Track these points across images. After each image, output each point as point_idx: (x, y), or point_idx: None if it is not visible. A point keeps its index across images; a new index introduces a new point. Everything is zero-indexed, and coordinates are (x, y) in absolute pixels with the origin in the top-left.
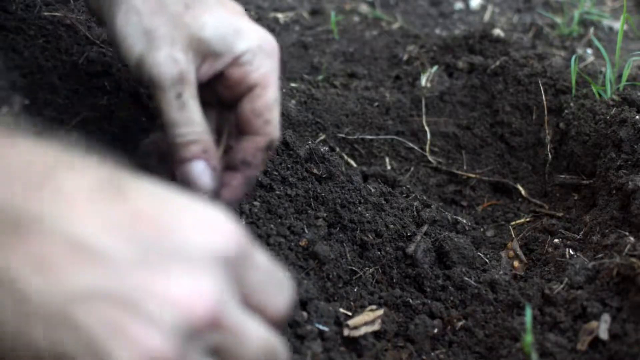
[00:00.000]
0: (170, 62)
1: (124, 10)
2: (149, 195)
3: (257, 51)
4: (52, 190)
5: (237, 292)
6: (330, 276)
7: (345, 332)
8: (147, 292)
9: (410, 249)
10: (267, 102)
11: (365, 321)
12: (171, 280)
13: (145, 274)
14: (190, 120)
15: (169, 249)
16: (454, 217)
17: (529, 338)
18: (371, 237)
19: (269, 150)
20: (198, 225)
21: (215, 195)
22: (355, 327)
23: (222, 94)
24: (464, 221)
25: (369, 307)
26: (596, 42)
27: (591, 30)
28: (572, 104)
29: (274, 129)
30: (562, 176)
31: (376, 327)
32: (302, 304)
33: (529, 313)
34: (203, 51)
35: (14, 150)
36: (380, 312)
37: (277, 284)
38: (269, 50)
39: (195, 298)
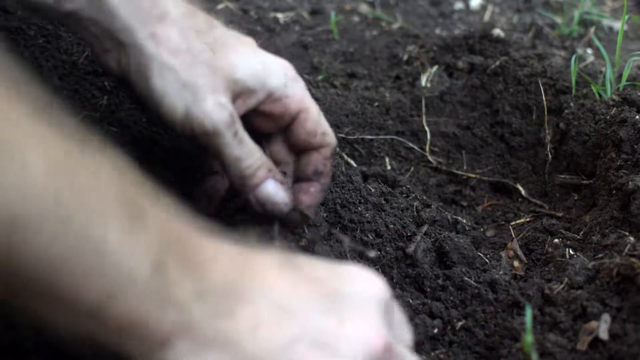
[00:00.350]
0: (219, 108)
1: (157, 69)
2: (317, 266)
3: (287, 81)
4: (252, 269)
5: (390, 328)
6: None
7: None
8: (336, 334)
9: (410, 249)
10: (315, 120)
11: None
12: (353, 322)
13: (332, 320)
14: (250, 151)
15: (344, 299)
16: (454, 217)
17: (529, 338)
18: (371, 237)
19: (333, 156)
20: (360, 280)
21: (291, 203)
22: None
23: (258, 126)
24: (464, 221)
25: None
26: (597, 42)
27: (591, 30)
28: (572, 104)
29: (331, 137)
30: (562, 176)
31: None
32: None
33: (529, 313)
34: (238, 91)
35: (222, 244)
36: None
37: (404, 322)
38: (293, 74)
39: (373, 334)
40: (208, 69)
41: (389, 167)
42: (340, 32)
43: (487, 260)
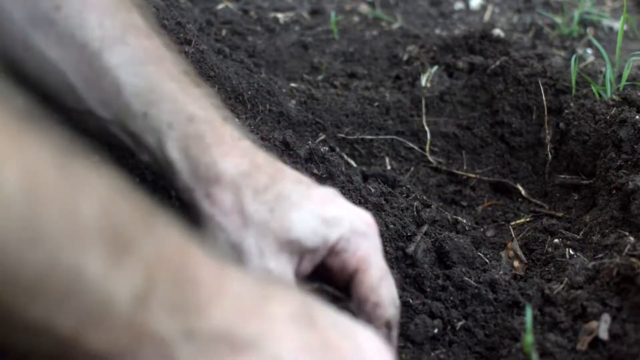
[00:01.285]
0: (283, 266)
1: (212, 228)
2: (334, 324)
3: (350, 235)
4: (259, 317)
5: None
6: None
7: None
8: None
9: (410, 249)
10: (371, 285)
11: None
12: None
13: None
14: None
15: None
16: (454, 217)
17: (529, 338)
18: None
19: (391, 330)
20: (370, 352)
21: None
22: None
23: (334, 279)
24: (464, 221)
25: None
26: (595, 43)
27: (590, 30)
28: (572, 104)
29: (384, 311)
30: (562, 176)
31: None
32: None
33: (529, 313)
34: (297, 250)
35: (230, 281)
36: None
37: None
38: (363, 229)
39: None
40: (258, 230)
41: (389, 167)
42: (340, 32)
43: (487, 260)
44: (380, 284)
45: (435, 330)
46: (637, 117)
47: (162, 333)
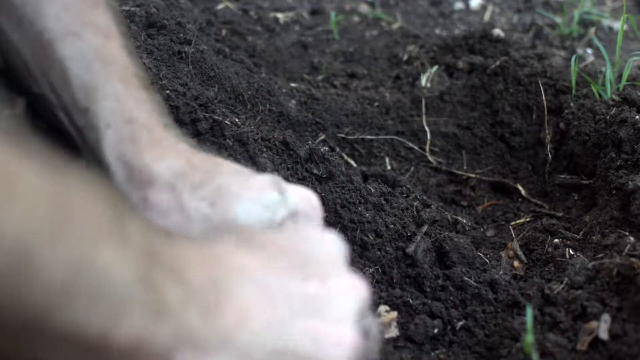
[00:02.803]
0: None
1: None
2: (275, 237)
3: (294, 216)
4: (222, 259)
5: None
6: None
7: None
8: (323, 296)
9: (410, 249)
10: None
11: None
12: (333, 279)
13: (313, 283)
14: None
15: (316, 260)
16: (454, 217)
17: (529, 338)
18: (371, 237)
19: None
20: (320, 238)
21: None
22: None
23: None
24: (464, 221)
25: (384, 308)
26: (596, 42)
27: (591, 30)
28: (572, 104)
29: None
30: (562, 176)
31: (392, 332)
32: None
33: (529, 313)
34: None
35: (191, 243)
36: (394, 314)
37: None
38: (308, 211)
39: (357, 283)
40: (201, 226)
41: (389, 167)
42: (340, 32)
43: (487, 260)
44: None
45: (435, 330)
46: (637, 117)
47: (172, 304)
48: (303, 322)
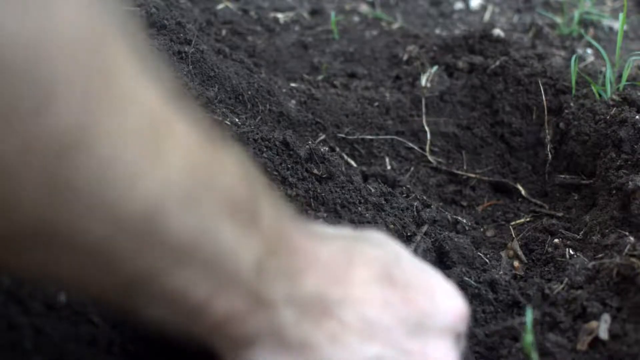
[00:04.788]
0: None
1: None
2: (413, 281)
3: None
4: (346, 281)
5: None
6: None
7: None
8: (418, 356)
9: (410, 249)
10: None
11: None
12: (435, 347)
13: (416, 343)
14: None
15: (430, 321)
16: (454, 217)
17: (529, 338)
18: None
19: None
20: (448, 308)
21: None
22: None
23: None
24: (464, 221)
25: None
26: (594, 43)
27: (590, 30)
28: (572, 104)
29: None
30: (562, 176)
31: None
32: None
33: (529, 313)
34: None
35: (320, 247)
36: None
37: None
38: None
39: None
40: None
41: (389, 167)
42: (340, 32)
43: (487, 260)
44: None
45: None
46: (637, 117)
47: (272, 298)
48: None
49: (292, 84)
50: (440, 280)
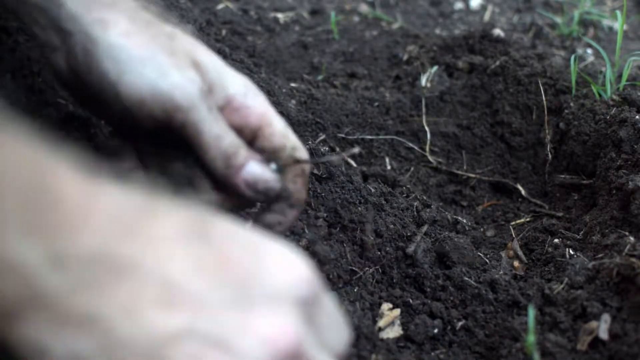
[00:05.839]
0: (189, 81)
1: (106, 51)
2: (233, 238)
3: (246, 90)
4: (143, 235)
5: (309, 329)
6: (331, 276)
7: None
8: (236, 329)
9: (410, 249)
10: (282, 133)
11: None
12: (259, 317)
13: (235, 312)
14: (228, 129)
15: (254, 291)
16: (454, 217)
17: (531, 338)
18: (371, 237)
19: (306, 176)
20: (279, 268)
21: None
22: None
23: None
24: (464, 221)
25: (386, 306)
26: (594, 44)
27: (590, 30)
28: (572, 104)
29: (302, 152)
30: (562, 176)
31: (396, 331)
32: None
33: (531, 313)
34: (202, 75)
35: (104, 196)
36: (397, 312)
37: (339, 323)
38: (253, 87)
39: (280, 335)
40: (166, 49)
41: (389, 167)
42: (340, 32)
43: (487, 260)
44: (289, 130)
45: (435, 330)
46: (637, 117)
47: (24, 261)
48: (199, 349)
49: (292, 84)
50: (267, 238)
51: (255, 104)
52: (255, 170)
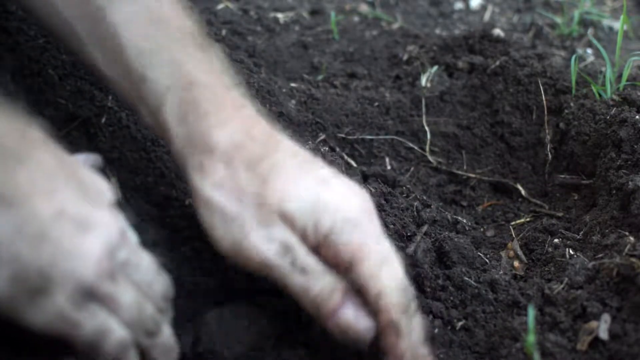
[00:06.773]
0: (266, 240)
1: (202, 201)
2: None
3: (343, 225)
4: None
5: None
6: None
7: None
8: (90, 214)
9: (410, 249)
10: (370, 273)
11: None
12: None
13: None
14: (317, 276)
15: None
16: (454, 217)
17: (531, 338)
18: None
19: (396, 327)
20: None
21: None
22: None
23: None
24: (464, 221)
25: None
26: (595, 42)
27: (590, 30)
28: (572, 104)
29: (389, 299)
30: (562, 176)
31: None
32: None
33: (531, 313)
34: (290, 222)
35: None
36: None
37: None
38: (356, 216)
39: (113, 221)
40: (254, 202)
41: (389, 167)
42: (340, 32)
43: (487, 260)
44: (381, 270)
45: (435, 330)
46: (637, 117)
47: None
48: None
49: (292, 84)
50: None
51: (349, 240)
52: (347, 317)
